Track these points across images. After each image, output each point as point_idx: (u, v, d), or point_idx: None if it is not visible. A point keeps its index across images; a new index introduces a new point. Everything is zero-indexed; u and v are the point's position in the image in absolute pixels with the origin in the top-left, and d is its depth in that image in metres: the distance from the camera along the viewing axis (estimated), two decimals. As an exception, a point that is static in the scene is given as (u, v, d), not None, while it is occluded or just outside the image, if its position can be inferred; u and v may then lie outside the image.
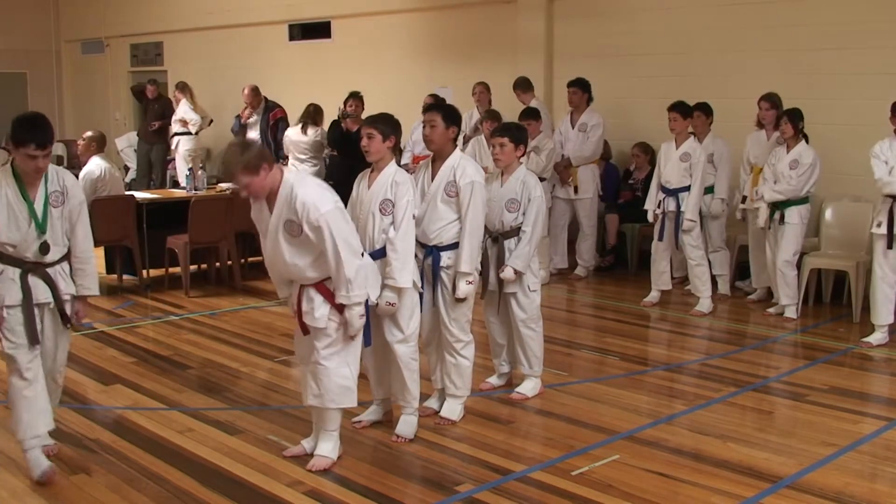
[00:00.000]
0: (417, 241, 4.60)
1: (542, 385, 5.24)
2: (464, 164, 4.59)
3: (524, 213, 4.93)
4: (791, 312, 6.99)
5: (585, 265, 8.61)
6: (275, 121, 10.51)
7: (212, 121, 12.22)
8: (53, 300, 4.09)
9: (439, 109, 4.67)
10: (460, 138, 8.93)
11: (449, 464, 4.28)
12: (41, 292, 4.04)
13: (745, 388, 5.38)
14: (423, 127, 4.67)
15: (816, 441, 4.53)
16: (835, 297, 7.51)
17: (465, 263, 4.55)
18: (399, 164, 4.58)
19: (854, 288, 6.97)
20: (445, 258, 4.60)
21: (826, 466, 4.21)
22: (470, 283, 4.60)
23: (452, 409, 4.79)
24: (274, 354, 6.11)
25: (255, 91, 10.65)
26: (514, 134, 5.01)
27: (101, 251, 8.38)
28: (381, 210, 4.31)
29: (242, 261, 8.70)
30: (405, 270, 4.29)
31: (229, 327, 6.86)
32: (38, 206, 3.99)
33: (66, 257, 4.16)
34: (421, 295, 4.57)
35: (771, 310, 7.18)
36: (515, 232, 4.95)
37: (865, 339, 6.31)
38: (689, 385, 5.53)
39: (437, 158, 4.65)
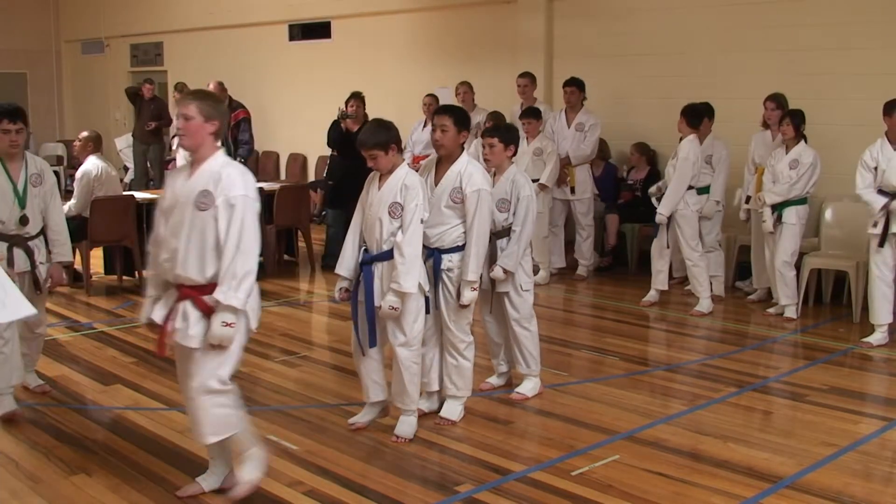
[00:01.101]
0: None
1: (541, 384, 5.25)
2: (471, 171, 4.55)
3: (514, 213, 4.94)
4: (791, 312, 6.99)
5: (586, 265, 8.62)
6: (236, 121, 9.90)
7: None
8: (31, 268, 4.80)
9: (451, 113, 4.61)
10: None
11: (449, 464, 4.28)
12: (21, 262, 4.77)
13: (745, 388, 5.38)
14: (434, 130, 4.61)
15: (816, 441, 4.53)
16: (835, 297, 7.51)
17: (472, 272, 4.55)
18: None
19: (854, 288, 6.97)
20: (446, 261, 4.60)
21: (826, 466, 4.21)
22: (475, 289, 4.60)
23: (453, 410, 4.79)
24: (274, 354, 6.11)
25: (220, 87, 10.09)
26: (504, 134, 5.02)
27: (100, 251, 8.39)
28: (390, 213, 4.29)
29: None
30: (410, 275, 4.26)
31: (229, 327, 6.84)
32: (20, 186, 4.75)
33: (41, 232, 4.88)
34: (427, 298, 4.55)
35: (771, 310, 7.18)
36: (507, 231, 4.96)
37: (865, 340, 6.31)
38: (689, 385, 5.53)
39: (444, 162, 4.62)
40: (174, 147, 11.97)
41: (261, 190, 9.11)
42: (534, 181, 7.99)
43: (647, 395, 5.30)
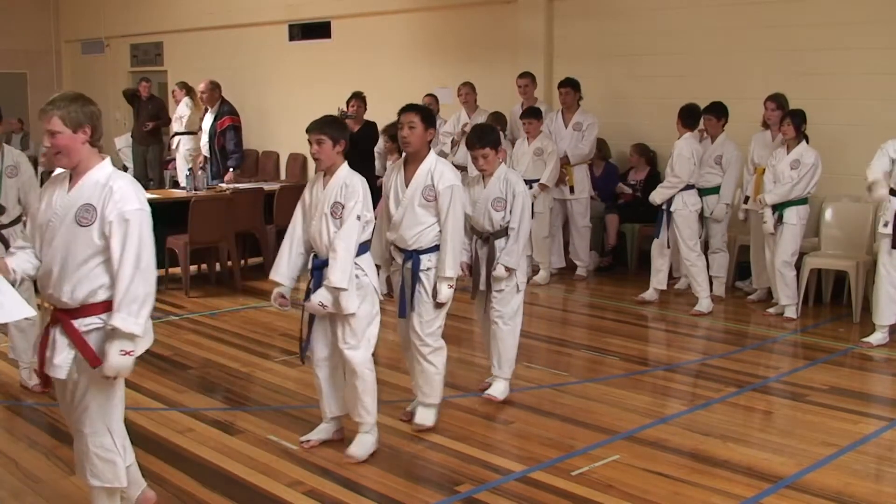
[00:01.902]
0: (396, 246, 4.55)
1: (510, 388, 5.14)
2: (440, 168, 4.49)
3: (511, 211, 4.92)
4: (791, 312, 6.99)
5: (584, 265, 8.62)
6: (223, 129, 9.57)
7: None
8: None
9: (418, 111, 4.52)
10: (447, 140, 9.03)
11: (449, 464, 4.28)
12: None
13: (745, 388, 5.38)
14: (401, 129, 4.50)
15: (816, 441, 4.53)
16: (835, 297, 7.51)
17: (449, 268, 4.46)
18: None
19: (854, 288, 6.97)
20: (426, 261, 4.51)
21: (826, 466, 4.21)
22: (451, 286, 4.51)
23: (426, 416, 4.68)
24: (274, 354, 6.11)
25: (211, 86, 9.67)
26: (494, 142, 4.97)
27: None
28: (332, 213, 4.14)
29: (242, 261, 8.71)
30: (341, 271, 4.05)
31: (229, 327, 6.86)
32: None
33: (18, 221, 5.15)
34: (401, 303, 4.46)
35: (771, 310, 7.18)
36: (505, 231, 4.93)
37: (865, 339, 6.31)
38: (689, 385, 5.53)
39: (412, 161, 4.53)
40: (174, 146, 12.00)
41: (260, 190, 9.18)
42: (534, 181, 8.04)
43: (647, 395, 5.30)
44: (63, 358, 3.23)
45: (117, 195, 3.18)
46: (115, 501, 3.43)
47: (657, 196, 7.23)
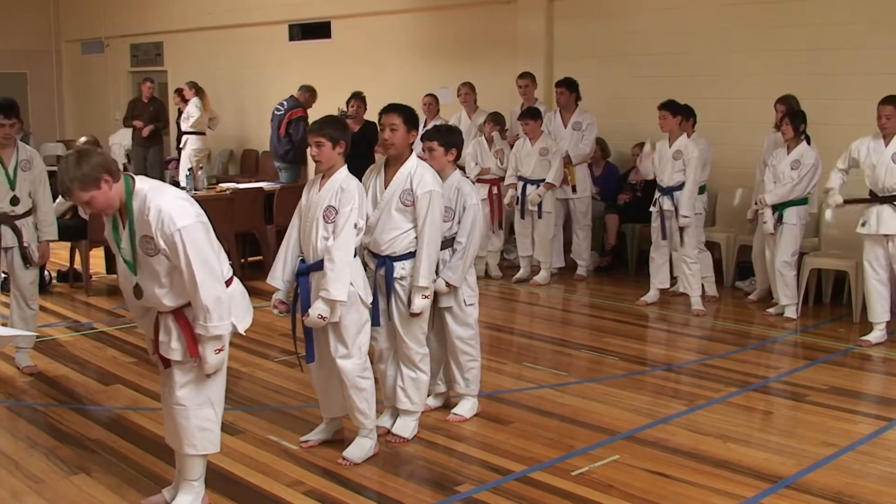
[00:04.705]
0: (370, 250, 4.42)
1: (479, 405, 4.97)
2: (421, 172, 4.32)
3: (459, 222, 4.64)
4: (791, 312, 7.00)
5: (585, 265, 8.62)
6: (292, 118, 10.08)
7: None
8: (18, 244, 5.44)
9: (400, 112, 4.35)
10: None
11: (449, 464, 4.28)
12: (9, 239, 5.43)
13: (745, 388, 5.38)
14: (383, 130, 4.36)
15: (816, 441, 4.53)
16: (835, 297, 7.51)
17: (423, 278, 4.31)
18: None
19: (854, 288, 6.97)
20: (399, 269, 4.36)
21: (826, 466, 4.22)
22: (426, 297, 4.36)
23: (405, 426, 4.55)
24: (274, 354, 6.11)
25: (306, 90, 10.27)
26: (445, 137, 4.68)
27: (100, 251, 8.40)
28: (324, 217, 4.04)
29: (242, 261, 8.71)
30: (339, 282, 3.97)
31: (229, 327, 6.84)
32: (10, 169, 5.39)
33: (29, 213, 5.50)
34: (373, 311, 4.33)
35: (771, 310, 7.18)
36: (450, 242, 4.63)
37: (864, 338, 6.33)
38: (689, 385, 5.53)
39: (392, 163, 4.37)
40: (181, 145, 12.00)
41: (260, 190, 9.17)
42: (540, 181, 8.05)
43: (647, 395, 5.30)
44: (178, 344, 3.55)
45: (156, 223, 3.38)
46: (204, 465, 3.72)
47: (689, 210, 7.05)
